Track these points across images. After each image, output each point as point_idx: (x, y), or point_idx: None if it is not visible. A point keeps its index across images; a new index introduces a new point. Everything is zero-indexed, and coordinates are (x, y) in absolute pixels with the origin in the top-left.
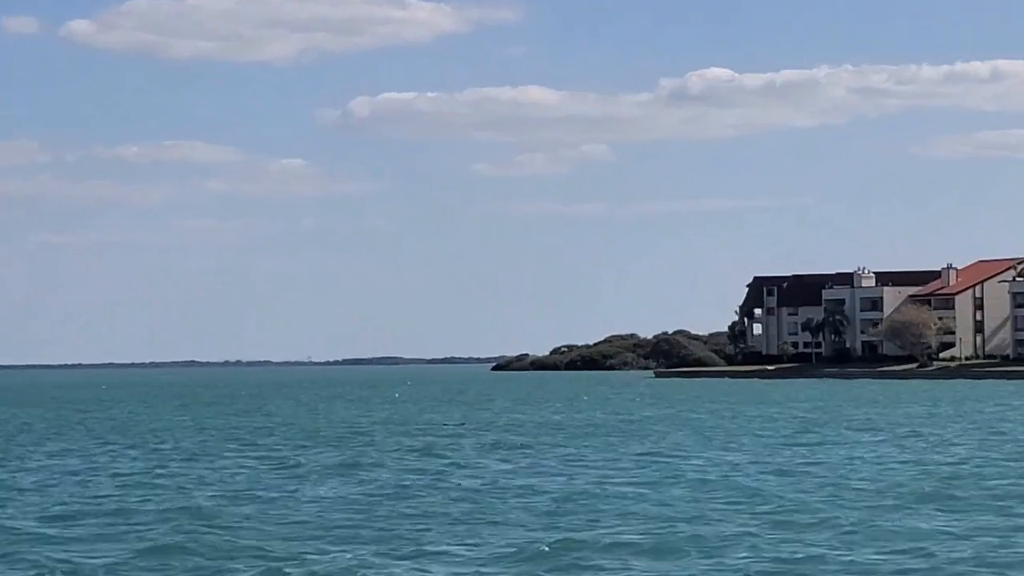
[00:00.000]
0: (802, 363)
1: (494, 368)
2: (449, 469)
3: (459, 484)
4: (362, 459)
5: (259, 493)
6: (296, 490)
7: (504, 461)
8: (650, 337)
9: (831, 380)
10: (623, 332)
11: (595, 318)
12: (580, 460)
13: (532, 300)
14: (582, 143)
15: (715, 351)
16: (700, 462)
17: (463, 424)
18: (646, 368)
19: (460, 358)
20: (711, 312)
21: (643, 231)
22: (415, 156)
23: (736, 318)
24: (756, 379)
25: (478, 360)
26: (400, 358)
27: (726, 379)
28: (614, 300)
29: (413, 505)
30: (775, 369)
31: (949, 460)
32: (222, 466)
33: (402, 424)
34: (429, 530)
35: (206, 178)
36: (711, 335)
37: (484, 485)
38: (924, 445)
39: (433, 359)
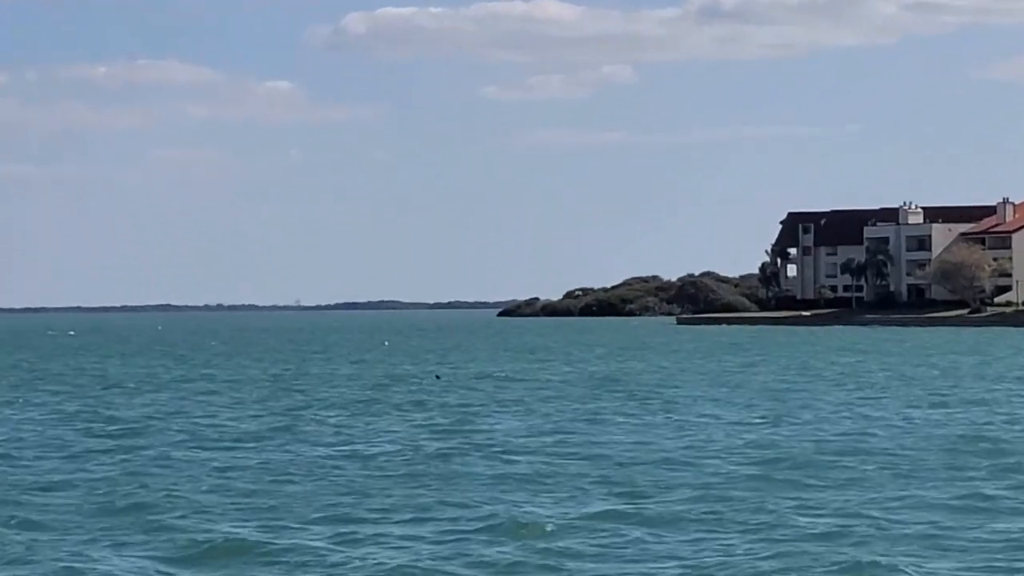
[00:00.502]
0: (841, 308)
1: (500, 314)
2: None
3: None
4: None
5: None
6: None
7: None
8: (674, 280)
9: (877, 328)
10: (644, 274)
11: (614, 259)
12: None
13: (544, 239)
14: (602, 64)
15: (746, 295)
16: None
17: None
18: (669, 314)
19: (465, 302)
20: (742, 252)
21: (668, 162)
22: (415, 79)
23: (768, 258)
24: (791, 326)
25: (485, 305)
26: (399, 302)
27: (759, 326)
28: (635, 239)
29: None
30: (811, 315)
31: None
32: None
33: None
34: None
35: (182, 102)
36: (742, 277)
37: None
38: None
39: (437, 303)
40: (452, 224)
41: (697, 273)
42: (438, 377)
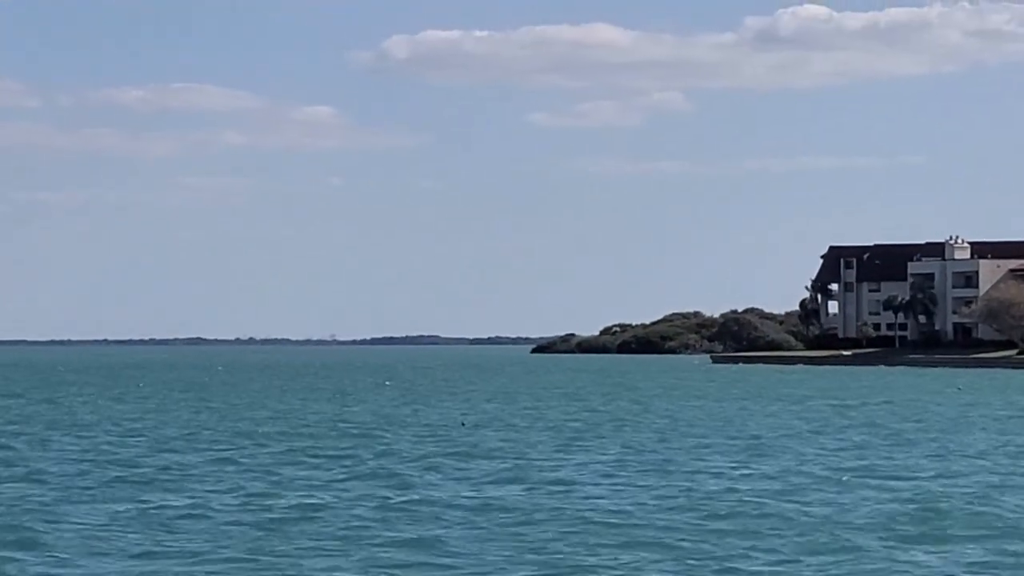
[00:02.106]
0: (884, 347)
1: (534, 350)
2: None
3: None
4: None
5: None
6: None
7: None
8: (716, 316)
9: (919, 368)
10: (686, 310)
11: (654, 293)
12: None
13: (589, 273)
14: (655, 91)
15: (792, 332)
16: None
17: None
18: (711, 351)
19: (506, 338)
20: (789, 287)
21: (718, 193)
22: (460, 105)
23: (808, 294)
24: (831, 365)
25: (526, 340)
26: (438, 337)
27: (796, 365)
28: (677, 272)
29: None
30: (852, 355)
31: None
32: None
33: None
34: None
35: (219, 129)
36: (788, 314)
37: None
38: None
39: (476, 339)
40: (495, 256)
41: (741, 309)
42: (463, 424)
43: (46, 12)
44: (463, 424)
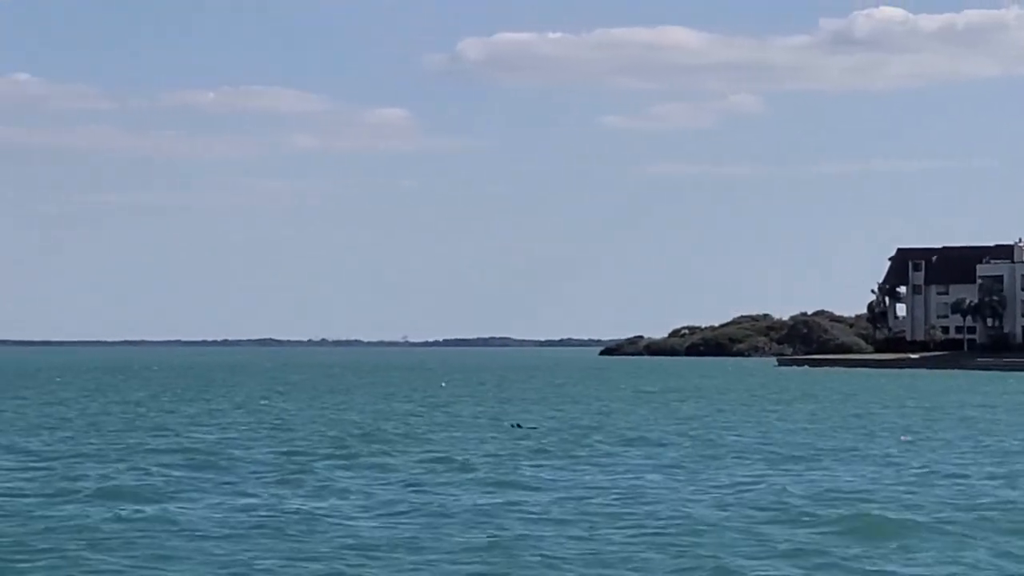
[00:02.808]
0: (952, 351)
1: (602, 353)
2: None
3: None
4: None
5: None
6: None
7: None
8: (786, 319)
9: (987, 373)
10: (755, 312)
11: (724, 295)
12: None
13: (659, 275)
14: (729, 93)
15: (863, 335)
16: None
17: None
18: (780, 354)
19: (576, 340)
20: (860, 290)
21: (792, 196)
22: (533, 107)
23: (876, 297)
24: (897, 369)
25: (596, 343)
26: (509, 339)
27: (863, 369)
28: (747, 274)
29: None
30: (920, 358)
31: None
32: None
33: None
34: None
35: (290, 131)
36: (858, 317)
37: None
38: None
39: (548, 340)
40: (568, 257)
41: (810, 312)
42: (518, 426)
43: (120, 16)
44: (517, 426)
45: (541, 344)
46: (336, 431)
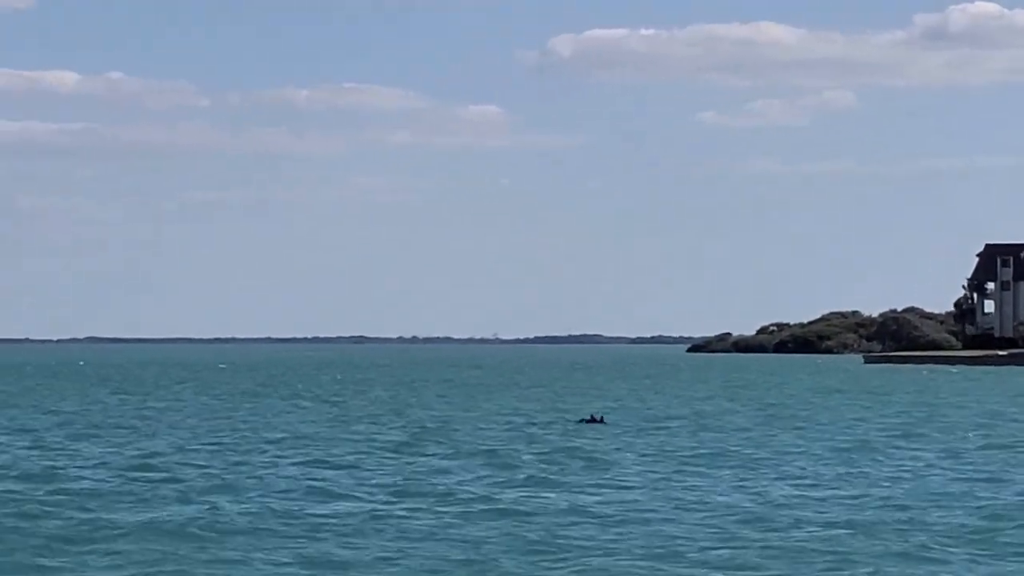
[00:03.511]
0: None
1: (690, 349)
2: None
3: None
4: None
5: None
6: None
7: None
8: (875, 315)
9: None
10: (844, 309)
11: (813, 292)
12: None
13: (751, 271)
14: (824, 89)
15: (953, 332)
16: None
17: None
18: (869, 351)
19: (668, 337)
20: (951, 286)
21: (884, 192)
22: (628, 104)
23: (965, 293)
24: (984, 366)
25: (687, 340)
26: (600, 336)
27: (952, 366)
28: (837, 271)
29: None
30: (1008, 355)
31: None
32: None
33: None
34: None
35: (388, 128)
36: (948, 313)
37: None
38: None
39: (639, 338)
40: (662, 254)
41: (900, 308)
42: (592, 420)
43: (218, 14)
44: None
45: (631, 342)
46: None
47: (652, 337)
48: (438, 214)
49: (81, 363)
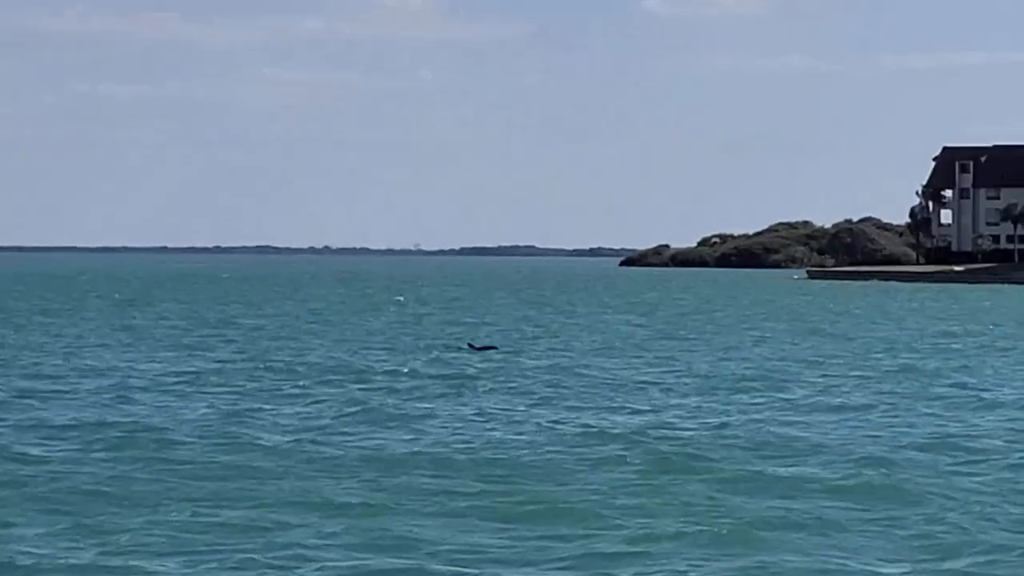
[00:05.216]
0: (1001, 263)
1: (623, 263)
2: None
3: None
4: None
5: None
6: None
7: None
8: (828, 226)
9: None
10: (794, 219)
11: (762, 200)
12: None
13: (696, 178)
14: None
15: (913, 246)
16: None
17: None
18: (821, 266)
19: (608, 249)
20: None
21: (844, 91)
22: None
23: (919, 201)
24: (935, 283)
25: (630, 251)
26: (534, 248)
27: (899, 284)
28: (789, 177)
29: None
30: (964, 270)
31: None
32: None
33: None
34: None
35: (297, 15)
36: (908, 224)
37: None
38: None
39: (577, 250)
40: (598, 159)
41: (856, 219)
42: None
43: None
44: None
45: (569, 254)
46: None
47: (591, 249)
48: (353, 110)
49: None
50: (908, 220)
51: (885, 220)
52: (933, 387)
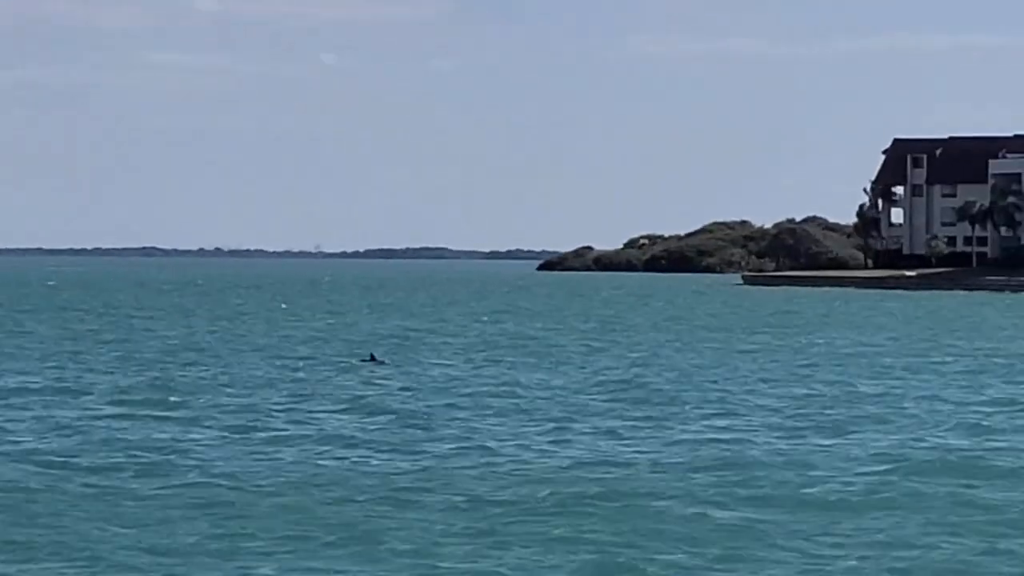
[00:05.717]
0: (957, 267)
1: (540, 267)
2: None
3: None
4: None
5: None
6: None
7: None
8: (768, 227)
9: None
10: (730, 219)
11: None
12: None
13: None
14: None
15: (861, 247)
16: None
17: None
18: (761, 269)
19: (527, 252)
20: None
21: (792, 76)
22: None
23: (868, 199)
24: (888, 289)
25: (551, 254)
26: (446, 250)
27: (841, 290)
28: (725, 173)
29: None
30: (916, 276)
31: None
32: None
33: None
34: None
35: None
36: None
37: None
38: None
39: (493, 252)
40: (518, 154)
41: (799, 219)
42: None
43: None
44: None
45: (484, 256)
46: None
47: (507, 252)
48: (248, 99)
49: None
50: (856, 220)
51: (831, 220)
52: None
